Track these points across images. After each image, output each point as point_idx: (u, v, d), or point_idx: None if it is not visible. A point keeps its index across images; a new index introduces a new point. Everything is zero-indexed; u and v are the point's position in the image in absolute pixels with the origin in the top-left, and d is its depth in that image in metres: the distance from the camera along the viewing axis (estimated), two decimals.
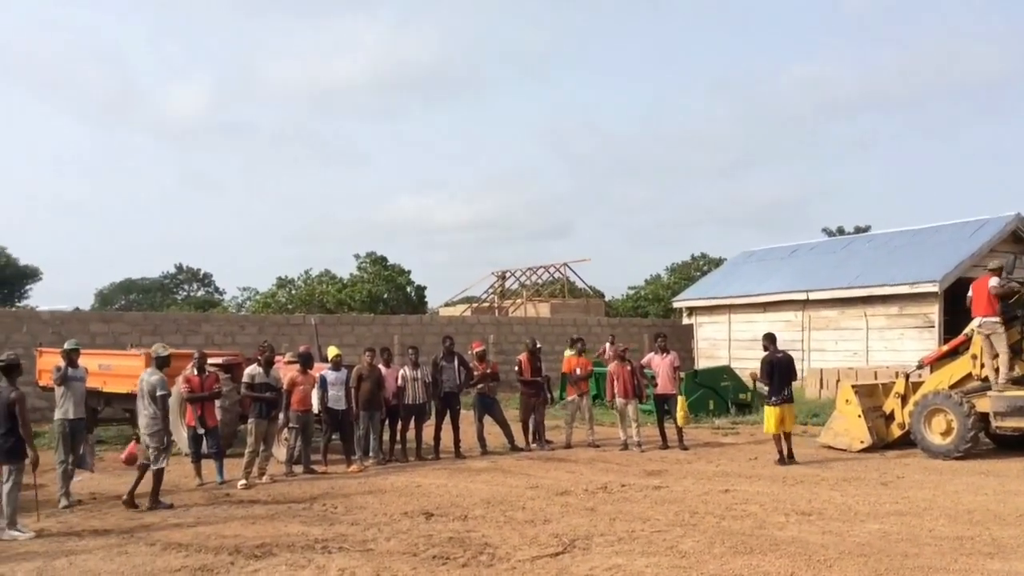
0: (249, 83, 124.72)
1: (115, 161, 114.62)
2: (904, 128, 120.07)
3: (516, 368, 15.25)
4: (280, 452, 12.74)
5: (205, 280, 75.38)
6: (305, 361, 12.76)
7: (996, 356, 12.69)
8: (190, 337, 21.31)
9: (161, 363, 10.63)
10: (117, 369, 14.59)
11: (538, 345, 15.72)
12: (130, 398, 12.53)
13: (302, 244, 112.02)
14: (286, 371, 12.88)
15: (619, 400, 14.46)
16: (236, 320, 24.89)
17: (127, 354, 15.58)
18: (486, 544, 7.78)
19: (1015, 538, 7.71)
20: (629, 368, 14.57)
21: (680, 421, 14.46)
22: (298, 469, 12.37)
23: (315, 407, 12.70)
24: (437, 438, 13.87)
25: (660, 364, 14.61)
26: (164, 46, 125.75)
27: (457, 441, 13.94)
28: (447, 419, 14.02)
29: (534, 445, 14.68)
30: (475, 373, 14.52)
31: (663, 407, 14.62)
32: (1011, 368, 12.63)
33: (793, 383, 13.15)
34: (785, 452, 12.72)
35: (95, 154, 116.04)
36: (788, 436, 12.87)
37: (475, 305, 38.67)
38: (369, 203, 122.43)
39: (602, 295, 45.79)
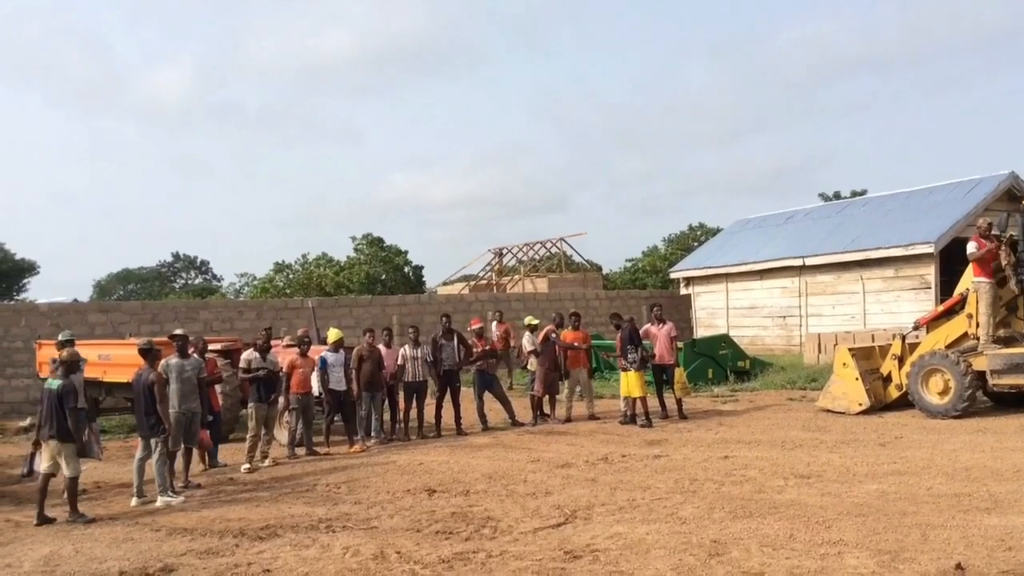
0: (234, 62, 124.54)
1: (103, 148, 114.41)
2: (902, 88, 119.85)
3: (553, 335, 15.03)
4: (282, 435, 12.81)
5: (202, 268, 75.45)
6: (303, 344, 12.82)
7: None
8: (188, 324, 21.31)
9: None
10: (117, 359, 14.61)
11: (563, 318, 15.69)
12: (130, 387, 12.58)
13: (297, 227, 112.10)
14: (285, 355, 12.93)
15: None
16: (234, 306, 24.89)
17: (126, 343, 15.61)
18: (488, 518, 7.85)
19: (1012, 493, 7.79)
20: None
21: (678, 391, 14.55)
22: (300, 451, 12.46)
23: (315, 389, 12.77)
24: (438, 416, 13.94)
25: (657, 334, 14.65)
26: (144, 27, 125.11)
27: (458, 418, 14.02)
28: (447, 397, 14.09)
29: (547, 417, 14.79)
30: (474, 351, 14.57)
31: (661, 377, 14.68)
32: (993, 329, 12.70)
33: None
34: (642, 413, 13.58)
35: (82, 142, 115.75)
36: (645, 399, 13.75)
37: (473, 283, 38.70)
38: (363, 182, 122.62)
39: (599, 268, 45.82)
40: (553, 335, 14.82)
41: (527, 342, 15.41)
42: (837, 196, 52.82)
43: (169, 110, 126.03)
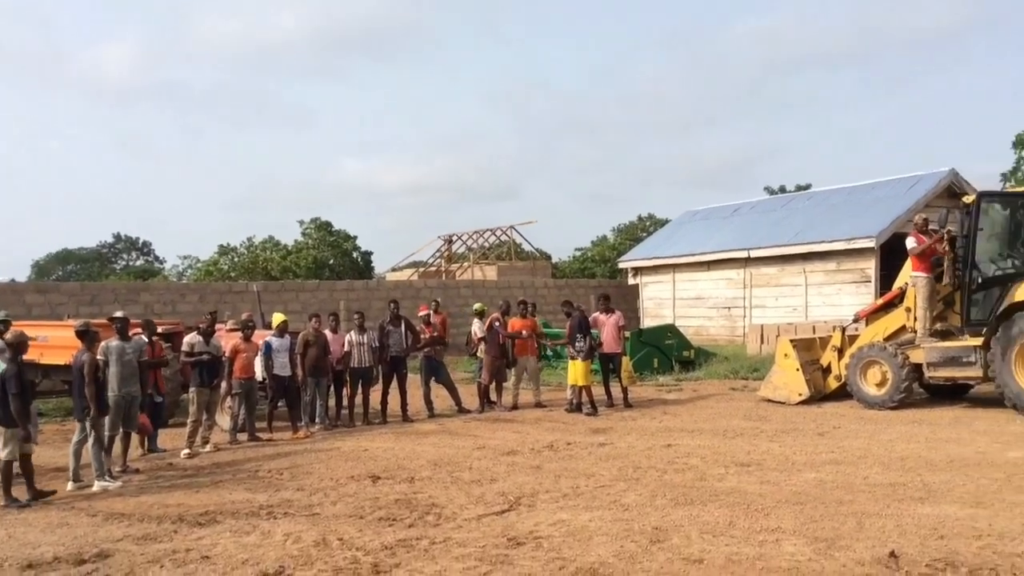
0: (181, 40, 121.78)
1: (43, 124, 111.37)
2: (848, 84, 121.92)
3: (496, 323, 15.04)
4: (224, 420, 12.64)
5: (144, 249, 74.01)
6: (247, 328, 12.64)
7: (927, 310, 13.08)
8: (129, 307, 20.84)
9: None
10: (54, 340, 14.25)
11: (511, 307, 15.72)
12: (68, 370, 12.29)
13: (244, 210, 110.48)
14: (228, 339, 12.74)
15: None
16: (176, 288, 24.50)
17: (64, 325, 15.23)
18: (433, 504, 7.83)
19: (945, 483, 7.99)
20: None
21: (625, 380, 14.67)
22: (242, 437, 12.30)
23: (259, 374, 12.61)
24: (384, 402, 13.87)
25: (606, 323, 14.74)
26: (89, 2, 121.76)
27: (404, 405, 13.96)
28: (394, 383, 14.02)
29: (493, 404, 14.79)
30: (422, 337, 14.51)
31: (608, 366, 14.79)
32: (930, 322, 13.03)
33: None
34: (587, 402, 13.70)
35: (21, 118, 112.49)
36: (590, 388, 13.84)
37: (422, 270, 38.55)
38: (313, 166, 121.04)
39: (549, 257, 46.00)
40: (497, 323, 14.81)
41: (476, 329, 15.41)
42: (782, 190, 53.62)
43: (113, 87, 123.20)
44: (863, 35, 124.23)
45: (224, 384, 12.18)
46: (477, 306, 16.50)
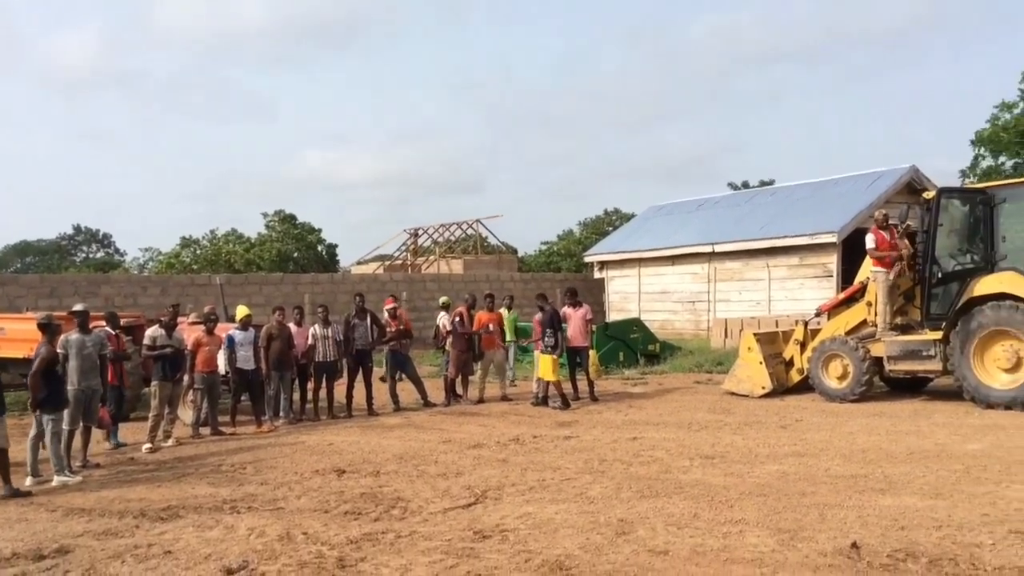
0: (141, 29, 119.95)
1: (1, 115, 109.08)
2: (811, 81, 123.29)
3: (457, 319, 15.05)
4: (186, 415, 12.50)
5: (104, 241, 72.92)
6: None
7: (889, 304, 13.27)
8: (89, 299, 20.54)
9: None
10: (13, 333, 14.01)
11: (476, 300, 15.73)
12: (28, 363, 12.07)
13: (206, 202, 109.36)
14: (190, 332, 12.59)
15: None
16: (138, 281, 24.17)
17: (23, 317, 14.96)
18: (398, 498, 7.80)
19: (905, 475, 8.11)
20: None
21: (591, 373, 14.71)
22: (205, 431, 12.17)
23: (222, 368, 12.47)
24: (349, 396, 13.80)
25: (572, 317, 14.76)
26: None
27: (370, 398, 13.89)
28: (359, 377, 13.94)
29: (459, 398, 14.78)
30: (388, 330, 14.45)
31: (575, 359, 14.81)
32: (890, 317, 13.22)
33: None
34: (556, 395, 13.71)
35: None
36: (559, 383, 13.81)
37: (388, 263, 38.37)
38: (277, 158, 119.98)
39: (515, 251, 45.98)
40: (457, 319, 14.77)
41: (443, 322, 15.38)
42: (745, 185, 54.17)
43: (72, 76, 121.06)
44: (826, 32, 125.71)
45: (186, 378, 12.04)
46: (443, 300, 16.51)
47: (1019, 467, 8.20)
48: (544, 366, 13.77)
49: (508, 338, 16.73)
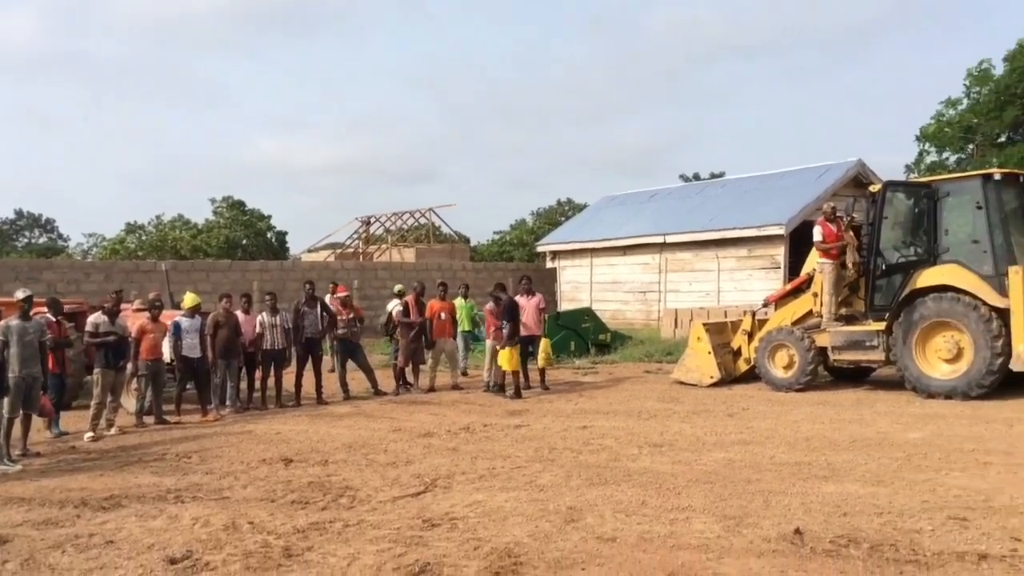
0: (85, 9, 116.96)
1: None
2: (763, 75, 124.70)
3: (400, 309, 14.94)
4: (130, 403, 12.25)
5: (47, 226, 71.22)
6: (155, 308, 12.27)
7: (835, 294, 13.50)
8: (31, 285, 19.98)
9: None
10: None
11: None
12: None
13: (152, 188, 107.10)
14: (134, 319, 12.35)
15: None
16: (81, 267, 23.60)
17: None
18: (347, 487, 7.74)
19: (848, 462, 8.26)
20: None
21: (542, 362, 14.74)
22: (149, 420, 11.94)
23: (167, 355, 12.26)
24: (298, 385, 13.65)
25: (526, 306, 14.78)
26: None
27: (319, 387, 13.76)
28: (309, 365, 13.80)
29: (410, 387, 14.69)
30: (339, 319, 14.33)
31: (527, 348, 14.82)
32: (835, 307, 13.45)
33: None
34: (511, 384, 13.72)
35: None
36: (503, 373, 13.79)
37: (339, 251, 38.02)
38: (226, 143, 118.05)
39: (468, 240, 45.91)
40: (401, 309, 14.68)
41: (398, 310, 15.27)
42: (697, 177, 54.65)
43: (13, 57, 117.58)
44: (779, 29, 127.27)
45: (130, 365, 11.81)
46: (397, 288, 16.42)
47: (958, 455, 8.41)
48: (504, 358, 13.68)
49: (465, 327, 16.70)
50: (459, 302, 16.57)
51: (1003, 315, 11.72)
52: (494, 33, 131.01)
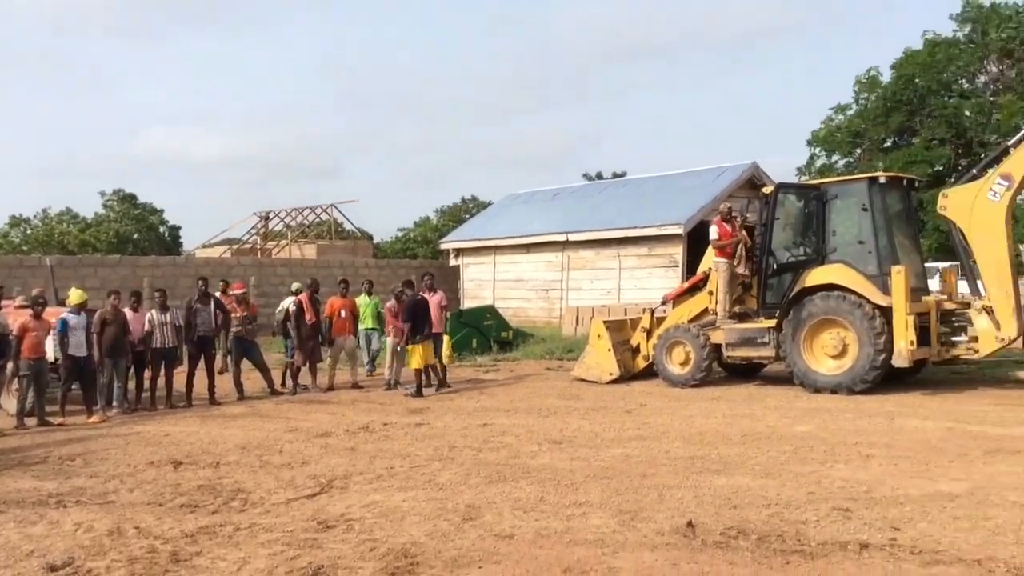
0: None
1: None
2: (664, 78, 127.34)
3: (294, 308, 14.61)
4: (10, 404, 11.69)
5: None
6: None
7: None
8: None
9: None
10: None
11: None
12: None
13: (38, 180, 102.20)
14: (16, 316, 11.77)
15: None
16: None
17: None
18: (239, 490, 7.54)
19: (739, 456, 8.49)
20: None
21: (444, 359, 14.68)
22: (31, 422, 11.38)
23: (50, 354, 11.72)
24: (189, 384, 13.22)
25: (428, 303, 14.66)
26: None
27: (212, 387, 13.36)
28: (201, 364, 13.40)
29: (306, 387, 14.41)
30: (235, 316, 13.96)
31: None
32: (730, 305, 13.84)
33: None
34: (423, 384, 13.71)
35: None
36: (425, 370, 13.85)
37: (236, 247, 37.10)
38: (119, 135, 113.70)
39: (370, 237, 45.41)
40: (295, 308, 14.37)
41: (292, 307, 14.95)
42: (599, 176, 55.36)
43: None
44: (681, 34, 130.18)
45: (11, 365, 11.25)
46: (295, 286, 16.10)
47: (842, 448, 8.74)
48: (413, 355, 13.53)
49: (370, 324, 16.44)
50: (362, 299, 16.35)
51: (886, 313, 12.25)
52: (401, 28, 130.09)
